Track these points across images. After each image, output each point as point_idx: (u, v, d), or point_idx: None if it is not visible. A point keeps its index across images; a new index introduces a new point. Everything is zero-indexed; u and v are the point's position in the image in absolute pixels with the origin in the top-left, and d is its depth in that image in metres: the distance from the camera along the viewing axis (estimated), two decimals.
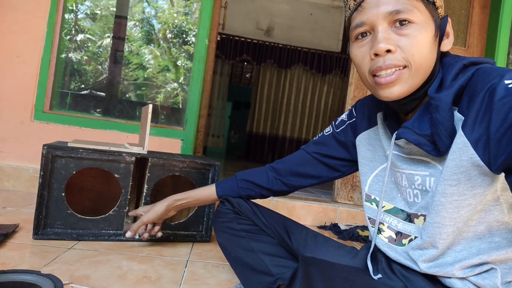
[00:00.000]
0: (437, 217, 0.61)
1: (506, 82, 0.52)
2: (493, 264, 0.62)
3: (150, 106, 1.20)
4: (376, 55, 0.61)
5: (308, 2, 5.50)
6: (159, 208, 1.06)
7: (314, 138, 0.94)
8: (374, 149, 0.79)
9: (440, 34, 0.63)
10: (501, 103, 0.50)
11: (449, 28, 0.64)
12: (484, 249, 0.62)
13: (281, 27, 5.67)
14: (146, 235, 1.12)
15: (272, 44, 5.65)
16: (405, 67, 0.61)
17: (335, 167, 0.92)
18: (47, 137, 1.86)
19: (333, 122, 0.93)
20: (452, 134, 0.58)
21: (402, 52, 0.60)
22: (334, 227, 1.85)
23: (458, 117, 0.58)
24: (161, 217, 1.08)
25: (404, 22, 0.60)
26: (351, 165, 0.91)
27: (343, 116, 0.91)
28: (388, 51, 0.60)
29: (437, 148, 0.60)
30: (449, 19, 0.64)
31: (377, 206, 0.77)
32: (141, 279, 0.96)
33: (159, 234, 1.15)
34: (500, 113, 0.50)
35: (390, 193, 0.74)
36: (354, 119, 0.87)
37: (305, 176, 0.93)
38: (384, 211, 0.75)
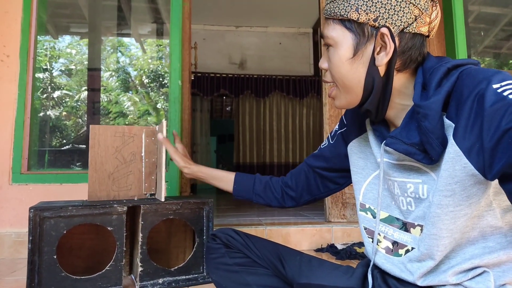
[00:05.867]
0: (433, 229, 0.60)
1: (495, 86, 0.50)
2: (485, 268, 0.61)
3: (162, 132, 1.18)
4: None
5: (276, 32, 5.72)
6: (186, 163, 1.05)
7: (314, 152, 0.95)
8: (366, 157, 0.78)
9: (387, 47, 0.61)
10: (492, 110, 0.49)
11: (386, 40, 0.60)
12: (477, 254, 0.61)
13: (253, 58, 5.84)
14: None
15: (247, 76, 5.79)
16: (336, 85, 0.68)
17: (333, 179, 0.92)
18: (28, 198, 1.82)
19: (329, 135, 0.94)
20: (444, 141, 0.57)
21: (329, 71, 0.69)
22: (331, 248, 1.83)
23: (448, 124, 0.57)
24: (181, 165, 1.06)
25: (327, 45, 0.67)
26: (348, 175, 0.89)
27: (336, 127, 0.91)
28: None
29: (428, 156, 0.59)
30: (385, 31, 0.60)
31: (372, 215, 0.75)
32: None
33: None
34: (492, 120, 0.49)
35: (384, 201, 0.72)
36: (345, 127, 0.86)
37: (311, 194, 0.96)
38: (380, 220, 0.73)
